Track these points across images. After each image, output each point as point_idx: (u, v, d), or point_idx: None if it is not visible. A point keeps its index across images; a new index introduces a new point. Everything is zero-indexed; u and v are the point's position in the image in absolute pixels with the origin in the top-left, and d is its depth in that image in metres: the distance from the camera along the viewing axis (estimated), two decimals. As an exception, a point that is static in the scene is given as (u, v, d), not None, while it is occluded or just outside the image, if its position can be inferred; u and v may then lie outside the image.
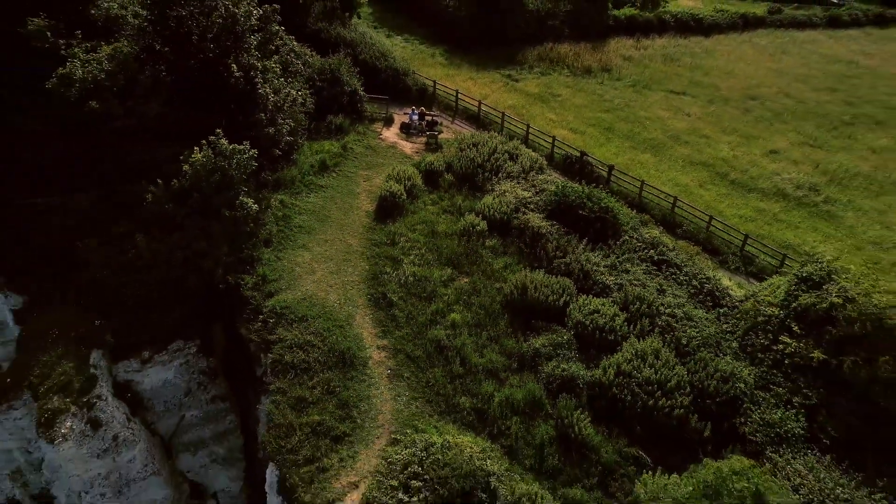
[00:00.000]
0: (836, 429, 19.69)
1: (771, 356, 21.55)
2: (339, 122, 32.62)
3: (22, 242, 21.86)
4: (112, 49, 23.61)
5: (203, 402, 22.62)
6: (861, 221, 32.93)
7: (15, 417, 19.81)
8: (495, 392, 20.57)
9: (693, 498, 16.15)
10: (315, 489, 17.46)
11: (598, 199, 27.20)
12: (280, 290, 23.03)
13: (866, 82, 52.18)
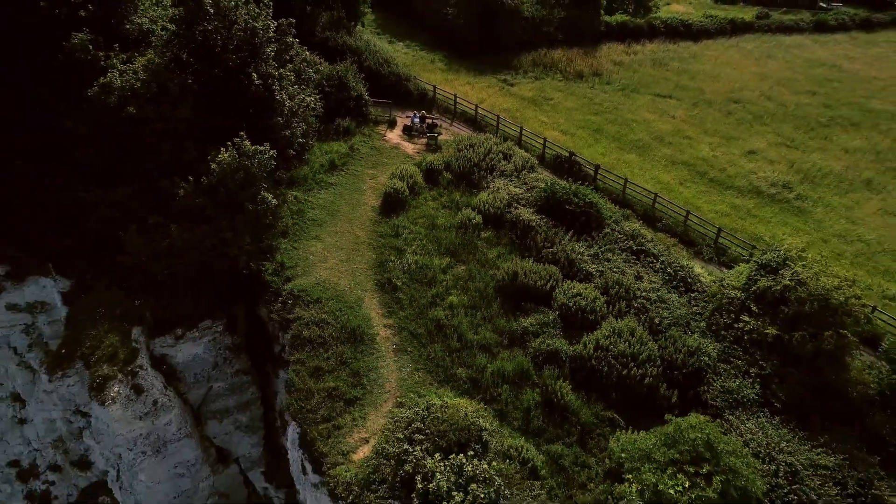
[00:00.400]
0: (787, 395, 22.71)
1: (732, 333, 24.59)
2: (346, 124, 35.68)
3: (68, 231, 24.91)
4: (146, 60, 26.66)
5: (228, 375, 25.67)
6: (829, 216, 36.01)
7: (69, 384, 22.81)
8: (488, 364, 23.59)
9: (656, 447, 19.17)
10: (331, 443, 20.49)
11: (583, 196, 30.26)
12: (297, 276, 26.07)
13: (846, 86, 55.22)
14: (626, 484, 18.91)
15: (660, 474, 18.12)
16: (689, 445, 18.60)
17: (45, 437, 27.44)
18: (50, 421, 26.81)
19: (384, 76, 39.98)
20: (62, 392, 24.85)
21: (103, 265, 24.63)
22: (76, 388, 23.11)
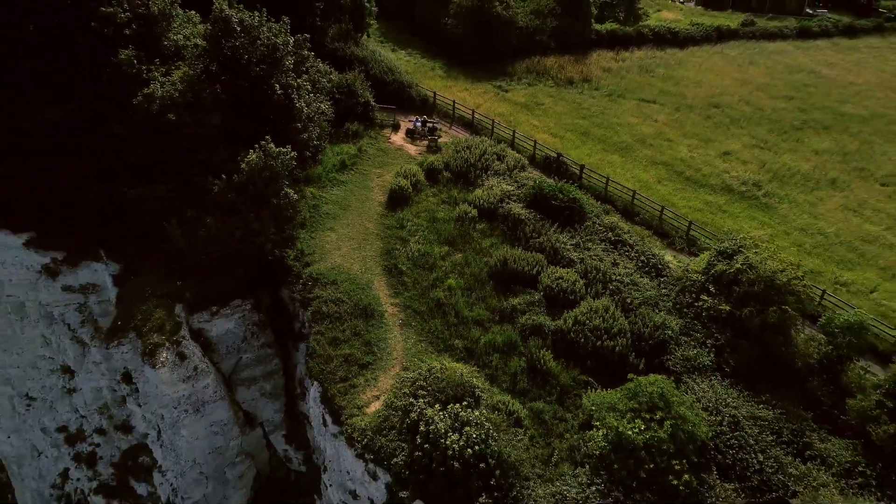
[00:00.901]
0: (736, 362, 26.89)
1: (693, 310, 28.79)
2: (354, 128, 39.92)
3: (118, 222, 29.09)
4: (182, 73, 30.87)
5: (255, 348, 29.84)
6: (793, 212, 40.21)
7: (123, 351, 26.97)
8: (481, 336, 27.75)
9: (619, 400, 23.32)
10: (348, 399, 24.66)
11: (567, 192, 34.46)
12: (315, 262, 30.26)
13: (822, 91, 59.44)
14: (594, 430, 23.05)
15: (621, 420, 22.27)
16: (646, 397, 22.76)
17: (92, 405, 31.60)
18: (97, 390, 30.98)
19: (388, 83, 44.23)
20: (112, 362, 29.02)
21: (149, 251, 28.81)
22: (129, 355, 27.26)
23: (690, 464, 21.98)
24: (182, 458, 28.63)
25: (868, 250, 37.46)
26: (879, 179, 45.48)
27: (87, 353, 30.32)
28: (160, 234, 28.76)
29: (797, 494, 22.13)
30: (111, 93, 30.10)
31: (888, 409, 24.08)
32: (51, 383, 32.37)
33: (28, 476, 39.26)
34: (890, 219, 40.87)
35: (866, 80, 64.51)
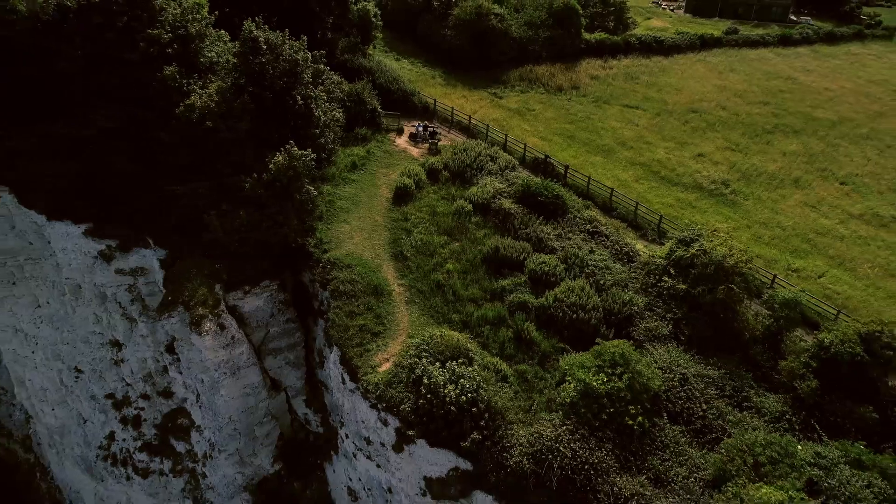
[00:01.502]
0: (691, 332, 32.34)
1: (656, 290, 34.26)
2: (363, 132, 45.47)
3: (165, 215, 34.57)
4: (216, 86, 36.40)
5: (281, 322, 35.30)
6: (756, 208, 45.68)
7: (172, 322, 32.46)
8: (475, 311, 33.17)
9: (588, 359, 28.76)
10: (363, 360, 30.12)
11: (551, 190, 39.95)
12: (331, 249, 35.74)
13: (797, 96, 64.97)
14: (566, 384, 28.48)
15: (588, 374, 27.70)
16: (609, 356, 28.21)
17: (137, 374, 37.09)
18: (142, 360, 36.48)
19: (393, 92, 49.80)
20: (157, 335, 34.52)
21: (191, 239, 34.27)
22: (177, 326, 32.70)
23: (644, 409, 27.40)
24: (220, 416, 34.11)
25: (820, 241, 42.92)
26: (839, 179, 50.95)
27: (135, 328, 35.82)
28: (200, 224, 34.23)
29: (732, 435, 27.54)
30: (156, 103, 35.65)
31: (812, 368, 29.52)
32: (100, 356, 37.84)
33: (72, 444, 44.78)
34: (844, 214, 46.37)
35: (841, 86, 70.07)
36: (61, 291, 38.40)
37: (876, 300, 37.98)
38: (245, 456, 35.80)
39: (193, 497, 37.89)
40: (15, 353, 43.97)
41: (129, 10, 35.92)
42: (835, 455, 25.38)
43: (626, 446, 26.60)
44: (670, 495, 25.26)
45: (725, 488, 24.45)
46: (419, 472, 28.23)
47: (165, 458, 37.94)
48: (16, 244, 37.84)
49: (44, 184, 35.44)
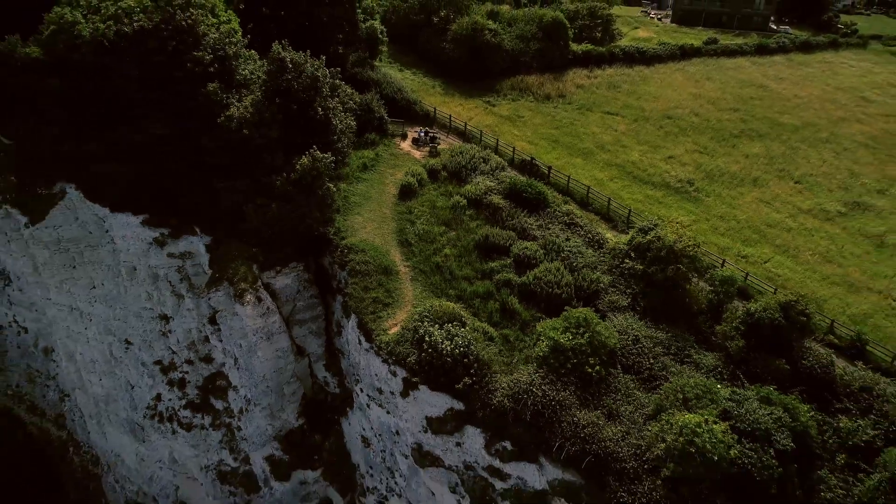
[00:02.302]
0: (646, 304, 40.16)
1: (619, 270, 42.13)
2: (372, 137, 53.36)
3: (209, 207, 42.45)
4: (250, 99, 44.32)
5: (305, 298, 43.19)
6: (716, 203, 53.55)
7: (218, 295, 40.35)
8: (468, 287, 41.02)
9: (558, 323, 36.56)
10: (376, 325, 37.98)
11: (535, 187, 47.83)
12: (347, 236, 43.61)
13: (766, 103, 72.90)
14: (539, 342, 36.27)
15: (557, 333, 35.51)
16: (574, 320, 36.04)
17: (183, 343, 44.94)
18: (187, 331, 44.34)
19: (398, 101, 57.74)
20: (201, 309, 42.37)
21: (232, 228, 42.14)
22: (222, 298, 40.55)
23: (601, 361, 35.19)
24: (255, 375, 41.98)
25: (769, 232, 50.83)
26: (795, 178, 58.90)
27: (182, 303, 43.70)
28: (239, 215, 42.12)
29: (670, 380, 35.33)
30: (200, 113, 43.53)
31: (741, 331, 37.34)
32: (150, 328, 45.71)
33: (117, 410, 52.63)
34: (794, 209, 54.29)
35: (810, 93, 78.03)
36: (115, 274, 46.29)
37: (812, 282, 45.92)
38: (275, 410, 43.65)
39: (230, 447, 45.74)
40: (69, 329, 51.91)
41: (177, 36, 43.85)
42: (749, 394, 33.18)
43: (585, 389, 34.42)
44: (618, 425, 33.09)
45: (660, 417, 32.27)
46: (421, 413, 36.07)
47: (206, 414, 45.78)
48: (78, 233, 45.77)
49: (107, 182, 43.41)
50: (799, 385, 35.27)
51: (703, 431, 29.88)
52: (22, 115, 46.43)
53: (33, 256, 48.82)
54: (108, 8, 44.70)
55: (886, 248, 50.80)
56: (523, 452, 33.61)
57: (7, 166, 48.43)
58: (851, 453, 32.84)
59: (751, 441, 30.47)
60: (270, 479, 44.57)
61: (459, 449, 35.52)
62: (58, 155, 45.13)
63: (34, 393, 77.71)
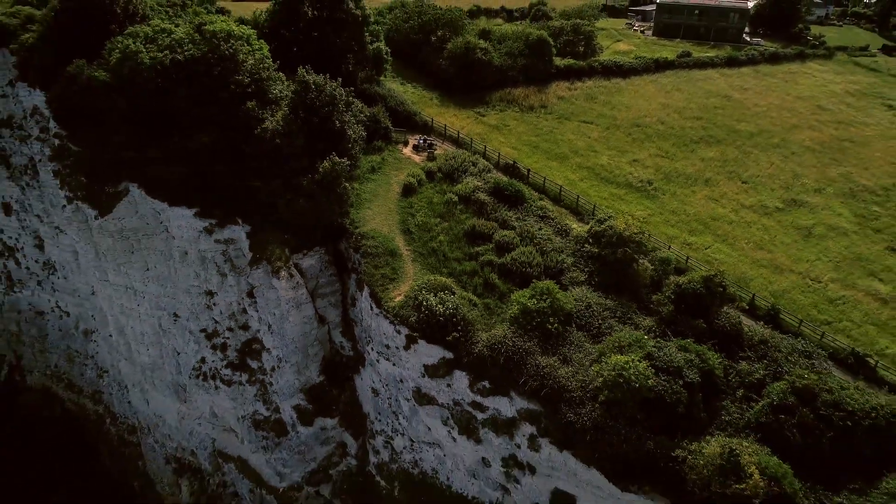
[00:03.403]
0: (600, 279, 52.09)
1: (580, 253, 54.14)
2: (379, 144, 65.40)
3: (249, 202, 54.51)
4: (281, 114, 56.41)
5: (326, 275, 55.21)
6: (670, 200, 65.53)
7: (258, 273, 52.26)
8: (457, 266, 53.03)
9: (526, 292, 48.47)
10: (384, 294, 50.00)
11: (515, 186, 59.87)
12: (360, 226, 55.62)
13: (728, 112, 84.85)
14: (512, 307, 48.16)
15: (525, 299, 47.37)
16: (539, 289, 47.94)
17: (225, 314, 56.92)
18: (229, 304, 56.34)
19: (400, 112, 69.86)
20: (241, 285, 54.39)
21: (267, 218, 54.16)
22: (261, 275, 52.49)
23: (559, 321, 47.04)
24: (286, 338, 53.97)
25: (713, 224, 62.79)
26: (743, 179, 70.89)
27: (225, 281, 55.68)
28: (273, 208, 54.16)
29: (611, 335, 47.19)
30: (240, 125, 55.61)
31: (671, 299, 49.21)
32: (197, 302, 57.68)
33: (162, 375, 64.55)
34: (738, 205, 66.24)
35: (770, 102, 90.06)
36: (167, 257, 58.31)
37: (743, 265, 57.91)
38: (301, 368, 55.59)
39: (263, 399, 57.62)
40: (122, 306, 63.91)
41: (221, 63, 56.02)
42: (670, 344, 45.08)
43: (546, 341, 46.30)
44: (570, 366, 44.99)
45: (601, 360, 44.15)
46: (420, 362, 48.01)
47: (243, 373, 57.67)
48: (138, 224, 57.78)
49: (164, 181, 55.45)
50: (712, 339, 47.14)
51: (630, 367, 41.75)
52: (89, 127, 58.62)
53: (97, 244, 60.80)
54: (164, 39, 57.00)
55: (812, 238, 62.82)
56: (498, 389, 45.56)
57: (76, 169, 60.64)
58: (748, 388, 44.77)
59: (666, 375, 42.37)
60: (297, 425, 56.52)
61: (449, 389, 47.47)
62: (122, 159, 57.10)
63: (72, 372, 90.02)
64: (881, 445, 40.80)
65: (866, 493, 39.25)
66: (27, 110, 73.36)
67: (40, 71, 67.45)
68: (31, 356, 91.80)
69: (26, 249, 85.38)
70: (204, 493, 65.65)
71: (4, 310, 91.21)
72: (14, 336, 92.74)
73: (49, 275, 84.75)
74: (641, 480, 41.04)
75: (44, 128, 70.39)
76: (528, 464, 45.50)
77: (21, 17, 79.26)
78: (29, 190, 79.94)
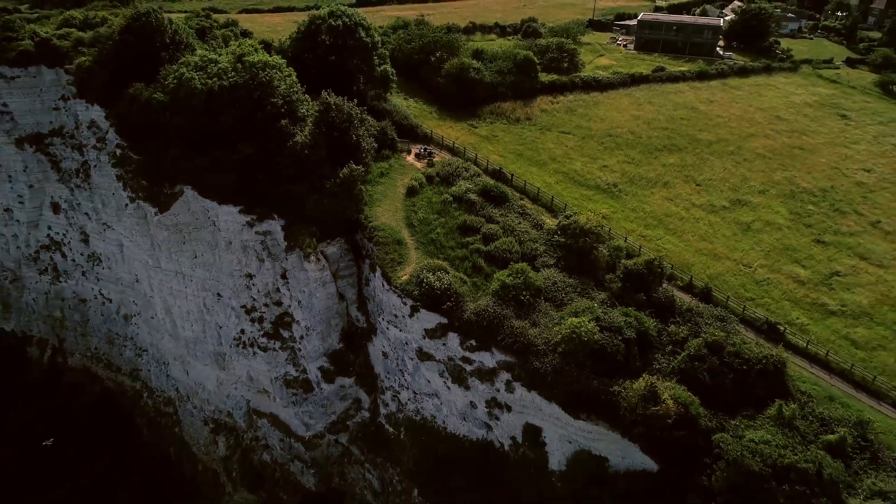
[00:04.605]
0: (565, 263, 68.27)
1: (550, 242, 70.40)
2: (386, 153, 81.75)
3: (283, 201, 70.82)
4: (309, 129, 72.80)
5: (345, 261, 71.50)
6: (631, 200, 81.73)
7: (291, 259, 68.51)
8: (451, 253, 69.31)
9: (506, 272, 64.64)
10: (394, 274, 66.35)
11: (500, 188, 76.19)
12: (372, 221, 71.95)
13: (692, 123, 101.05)
14: (493, 283, 64.27)
15: (504, 276, 63.43)
16: (515, 270, 64.07)
17: (262, 292, 73.17)
18: (265, 284, 72.62)
19: (404, 126, 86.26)
20: (275, 269, 70.68)
21: (298, 215, 70.39)
22: (294, 259, 68.64)
23: (531, 294, 63.09)
24: (314, 311, 70.19)
25: (666, 220, 78.99)
26: (697, 182, 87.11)
27: (262, 265, 71.89)
28: (302, 206, 70.41)
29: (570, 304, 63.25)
30: (275, 140, 71.90)
31: (621, 278, 65.32)
32: (239, 283, 73.89)
33: (204, 347, 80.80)
34: (689, 204, 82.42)
35: (732, 113, 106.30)
36: (213, 246, 74.56)
37: (687, 253, 74.11)
38: (325, 336, 71.76)
39: (293, 362, 73.74)
40: (172, 288, 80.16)
41: (259, 88, 72.40)
42: (615, 311, 61.15)
43: (520, 309, 62.34)
44: (537, 328, 61.02)
45: (560, 322, 60.17)
46: (421, 327, 64.15)
47: (277, 340, 73.80)
48: (189, 219, 74.03)
49: (213, 185, 71.69)
50: (650, 308, 63.23)
51: (582, 326, 57.77)
52: (148, 139, 74.98)
53: (153, 236, 77.08)
54: (212, 68, 73.36)
55: (749, 232, 79.03)
56: (482, 346, 61.64)
57: (138, 173, 77.01)
58: (675, 345, 60.84)
59: (609, 332, 58.45)
60: (321, 383, 72.69)
61: (444, 347, 63.58)
62: (177, 166, 73.39)
63: (112, 353, 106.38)
64: (769, 384, 56.90)
65: (754, 418, 55.30)
66: (83, 123, 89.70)
67: (98, 90, 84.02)
68: (73, 340, 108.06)
69: (72, 244, 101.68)
70: (239, 447, 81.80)
71: (50, 298, 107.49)
72: (58, 322, 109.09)
73: (93, 266, 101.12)
74: (588, 411, 57.11)
75: (101, 138, 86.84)
76: (506, 404, 61.61)
77: (71, 41, 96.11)
78: (78, 191, 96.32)
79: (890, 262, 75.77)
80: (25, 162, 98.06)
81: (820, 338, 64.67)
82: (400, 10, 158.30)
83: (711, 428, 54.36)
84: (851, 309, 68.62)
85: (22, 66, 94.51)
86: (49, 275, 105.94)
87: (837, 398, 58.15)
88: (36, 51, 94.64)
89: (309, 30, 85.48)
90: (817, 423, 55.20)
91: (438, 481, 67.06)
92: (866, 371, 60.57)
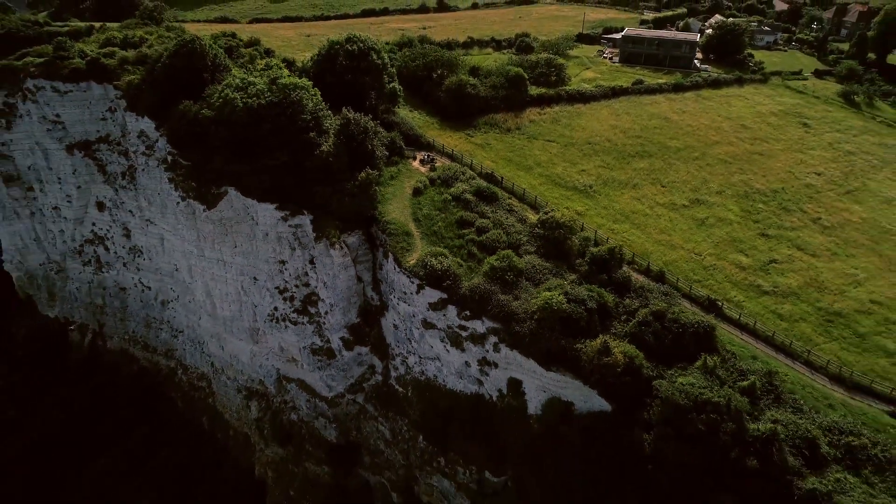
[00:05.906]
0: (544, 251, 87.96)
1: (532, 234, 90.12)
2: (395, 159, 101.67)
3: (311, 200, 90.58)
4: (332, 140, 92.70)
5: (363, 249, 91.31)
6: (603, 200, 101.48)
7: (319, 247, 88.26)
8: (450, 243, 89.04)
9: (495, 257, 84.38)
10: (403, 258, 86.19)
11: (491, 189, 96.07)
12: (385, 216, 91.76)
13: (663, 131, 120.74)
14: (484, 266, 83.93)
15: (493, 260, 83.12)
16: (502, 255, 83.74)
17: (293, 276, 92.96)
18: (296, 268, 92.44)
19: (410, 135, 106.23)
20: (305, 256, 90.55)
21: (325, 211, 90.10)
22: (322, 248, 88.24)
23: (514, 275, 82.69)
24: (337, 290, 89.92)
25: (633, 216, 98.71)
26: (663, 184, 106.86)
27: (294, 253, 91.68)
28: (328, 204, 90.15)
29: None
30: (304, 149, 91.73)
31: (588, 262, 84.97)
32: (273, 268, 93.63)
33: (240, 323, 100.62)
34: (654, 203, 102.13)
35: (700, 122, 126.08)
36: (251, 238, 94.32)
37: (648, 244, 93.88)
38: (345, 311, 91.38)
39: (318, 334, 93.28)
40: (213, 274, 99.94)
41: (291, 106, 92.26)
42: (580, 287, 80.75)
43: (505, 286, 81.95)
44: (519, 301, 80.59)
45: (537, 296, 79.74)
46: (426, 301, 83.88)
47: (305, 315, 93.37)
48: (232, 215, 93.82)
49: (253, 186, 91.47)
50: (610, 286, 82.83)
51: (553, 298, 77.32)
52: (195, 148, 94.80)
53: (199, 229, 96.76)
54: (251, 89, 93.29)
55: (703, 226, 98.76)
56: (475, 315, 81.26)
57: (187, 176, 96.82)
58: (628, 314, 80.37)
59: (574, 303, 78.03)
60: (342, 350, 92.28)
61: (445, 318, 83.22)
62: (222, 171, 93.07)
63: (148, 335, 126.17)
64: (700, 343, 76.57)
65: (686, 369, 74.91)
66: (132, 132, 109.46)
67: (147, 105, 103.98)
68: (113, 324, 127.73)
69: (115, 238, 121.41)
70: (269, 409, 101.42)
71: (92, 287, 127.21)
72: (98, 308, 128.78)
73: (134, 258, 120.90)
74: (558, 364, 76.71)
75: (149, 146, 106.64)
76: (493, 362, 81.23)
77: (117, 59, 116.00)
78: (123, 191, 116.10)
79: (822, 252, 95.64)
80: (74, 165, 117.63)
81: (752, 312, 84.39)
82: (403, 21, 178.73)
83: (652, 376, 74.02)
84: (782, 290, 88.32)
85: (74, 82, 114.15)
86: (92, 266, 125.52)
87: (759, 357, 77.88)
88: (86, 68, 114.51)
89: (329, 53, 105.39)
90: (737, 373, 74.96)
91: (440, 429, 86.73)
92: (785, 337, 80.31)
